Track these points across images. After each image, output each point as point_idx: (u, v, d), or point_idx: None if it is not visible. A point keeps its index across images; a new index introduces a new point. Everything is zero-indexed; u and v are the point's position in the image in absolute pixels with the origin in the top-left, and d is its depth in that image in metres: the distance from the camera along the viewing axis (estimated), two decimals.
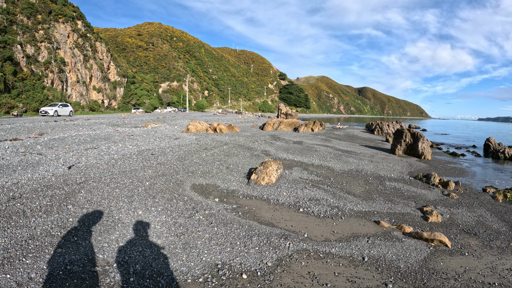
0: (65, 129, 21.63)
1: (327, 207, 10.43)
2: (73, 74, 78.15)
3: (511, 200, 13.64)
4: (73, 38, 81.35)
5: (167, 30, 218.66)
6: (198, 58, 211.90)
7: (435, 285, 6.16)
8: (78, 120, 33.18)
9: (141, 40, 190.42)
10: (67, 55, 77.00)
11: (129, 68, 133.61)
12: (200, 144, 20.01)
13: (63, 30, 77.24)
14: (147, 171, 12.38)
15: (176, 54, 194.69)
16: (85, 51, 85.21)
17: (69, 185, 9.67)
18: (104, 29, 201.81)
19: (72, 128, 22.94)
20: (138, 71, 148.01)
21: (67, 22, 79.36)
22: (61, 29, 76.59)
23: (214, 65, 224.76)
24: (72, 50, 79.43)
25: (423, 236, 8.26)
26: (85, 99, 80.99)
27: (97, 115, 61.13)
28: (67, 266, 5.72)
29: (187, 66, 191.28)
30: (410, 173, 17.51)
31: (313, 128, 40.47)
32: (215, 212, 9.10)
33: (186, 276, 5.82)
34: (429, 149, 24.33)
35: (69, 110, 50.94)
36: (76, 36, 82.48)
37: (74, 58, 79.18)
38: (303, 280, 5.94)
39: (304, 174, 14.69)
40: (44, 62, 67.43)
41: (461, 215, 10.90)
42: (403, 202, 11.85)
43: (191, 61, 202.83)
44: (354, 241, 7.91)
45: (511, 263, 7.38)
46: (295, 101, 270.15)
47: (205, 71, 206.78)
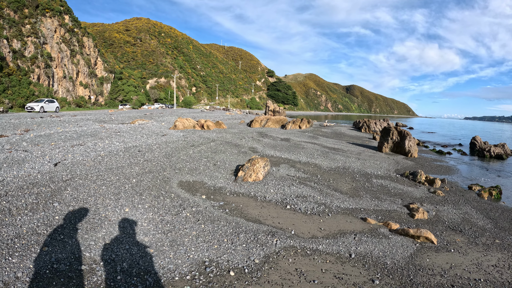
0: (51, 126, 21.31)
1: (314, 204, 10.45)
2: (60, 70, 76.89)
3: (496, 198, 13.85)
4: (60, 33, 79.98)
5: (155, 26, 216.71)
6: (186, 54, 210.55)
7: (422, 281, 6.21)
8: (64, 116, 32.76)
9: (129, 36, 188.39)
10: (53, 50, 75.71)
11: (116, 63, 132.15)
12: (187, 141, 19.90)
13: (50, 25, 75.89)
14: (134, 168, 12.26)
15: (164, 50, 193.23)
16: (72, 46, 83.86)
17: (55, 183, 9.52)
18: (91, 24, 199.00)
19: (58, 124, 22.62)
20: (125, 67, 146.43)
21: (54, 17, 77.93)
22: (48, 24, 75.26)
23: (202, 62, 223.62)
24: (59, 45, 78.12)
25: (410, 233, 8.33)
26: (72, 95, 79.84)
27: (83, 111, 60.44)
28: (54, 264, 5.64)
29: (175, 62, 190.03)
30: (396, 170, 17.66)
31: (301, 125, 40.55)
32: (202, 209, 9.05)
33: (173, 273, 5.78)
34: (416, 147, 24.56)
35: (55, 106, 50.14)
36: (63, 31, 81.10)
37: (61, 53, 77.91)
38: (291, 277, 5.94)
39: (291, 171, 14.70)
40: (30, 57, 66.21)
41: (447, 212, 11.03)
42: (389, 199, 11.94)
43: (179, 57, 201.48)
44: (341, 238, 7.94)
45: (497, 260, 7.50)
46: (283, 98, 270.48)
47: (193, 68, 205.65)
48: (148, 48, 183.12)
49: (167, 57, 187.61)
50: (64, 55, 79.26)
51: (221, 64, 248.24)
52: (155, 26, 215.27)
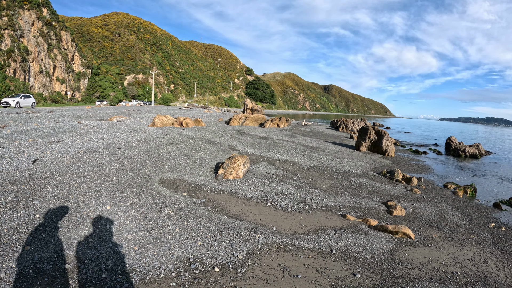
0: (28, 122, 20.82)
1: (294, 201, 10.58)
2: (36, 64, 74.78)
3: (471, 196, 14.32)
4: (38, 26, 77.72)
5: (135, 21, 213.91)
6: (165, 50, 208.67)
7: (401, 274, 6.41)
8: (41, 112, 32.04)
9: (108, 31, 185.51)
10: (30, 43, 73.56)
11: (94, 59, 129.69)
12: (166, 138, 19.78)
13: (27, 18, 73.67)
14: (114, 165, 12.14)
15: (143, 46, 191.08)
16: (49, 40, 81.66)
17: (35, 180, 9.35)
18: (69, 18, 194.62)
19: (35, 120, 22.12)
20: (103, 63, 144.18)
21: (32, 9, 75.62)
22: (25, 16, 73.04)
23: (181, 59, 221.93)
24: (36, 39, 75.96)
25: (388, 229, 8.54)
26: (48, 90, 77.89)
27: (60, 107, 59.07)
28: (37, 264, 5.56)
29: (153, 58, 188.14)
30: (374, 169, 17.98)
31: (279, 124, 40.76)
32: (184, 206, 9.06)
33: (158, 270, 5.79)
34: (393, 146, 25.05)
35: (31, 102, 48.79)
36: (40, 24, 78.83)
37: (38, 47, 75.80)
38: (274, 272, 6.03)
39: (271, 169, 14.81)
40: (7, 50, 64.16)
41: (423, 209, 11.34)
42: (368, 197, 12.18)
43: (158, 54, 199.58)
44: (322, 234, 8.09)
45: (472, 254, 7.80)
46: (261, 96, 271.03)
47: (172, 64, 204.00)
48: (127, 44, 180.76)
49: (146, 53, 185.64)
50: (41, 49, 77.20)
51: (200, 62, 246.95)
52: (134, 21, 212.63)
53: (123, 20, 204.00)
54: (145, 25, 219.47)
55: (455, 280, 6.44)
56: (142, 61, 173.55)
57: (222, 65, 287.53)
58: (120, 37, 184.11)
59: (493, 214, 11.81)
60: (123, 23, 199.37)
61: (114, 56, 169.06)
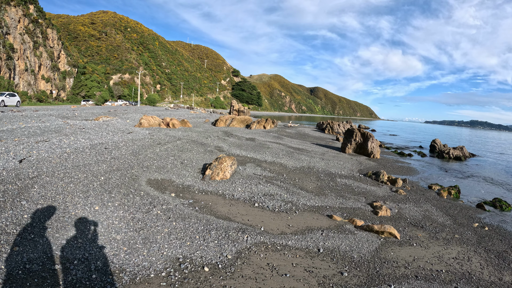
0: (13, 121, 20.56)
1: (281, 202, 10.67)
2: (22, 62, 73.54)
3: (455, 197, 14.63)
4: (24, 23, 76.42)
5: (122, 20, 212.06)
6: (152, 50, 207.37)
7: (387, 272, 6.55)
8: (26, 111, 31.63)
9: (94, 29, 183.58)
10: (16, 41, 72.30)
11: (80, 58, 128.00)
12: (153, 139, 19.71)
13: (14, 14, 72.41)
14: (101, 165, 12.07)
15: (130, 46, 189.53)
16: (35, 38, 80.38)
17: (22, 180, 9.25)
18: (56, 15, 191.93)
19: (21, 119, 21.85)
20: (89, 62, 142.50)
21: (18, 6, 74.32)
22: (12, 13, 71.78)
23: (168, 59, 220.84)
24: (22, 36, 74.67)
25: (374, 229, 8.69)
26: (33, 89, 76.66)
27: (45, 106, 58.23)
28: (26, 265, 5.52)
29: (140, 58, 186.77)
30: (360, 170, 18.19)
31: (265, 125, 40.87)
32: (172, 207, 9.08)
33: (148, 270, 5.81)
34: (378, 149, 25.35)
35: (16, 100, 47.94)
36: (27, 21, 77.55)
37: (23, 44, 74.55)
38: (263, 271, 6.11)
39: (257, 170, 14.89)
40: None
41: (408, 209, 11.55)
42: (354, 198, 12.34)
43: (145, 54, 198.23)
44: (309, 234, 8.20)
45: (457, 253, 8.01)
46: (248, 98, 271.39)
47: (158, 65, 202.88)
48: (113, 43, 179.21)
49: (132, 53, 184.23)
50: (27, 47, 76.00)
51: (186, 62, 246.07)
52: (121, 21, 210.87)
53: (110, 19, 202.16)
54: (132, 25, 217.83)
55: (440, 278, 6.62)
56: (129, 61, 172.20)
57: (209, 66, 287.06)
58: (107, 36, 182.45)
59: (476, 214, 12.11)
60: (110, 22, 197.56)
61: (100, 55, 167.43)
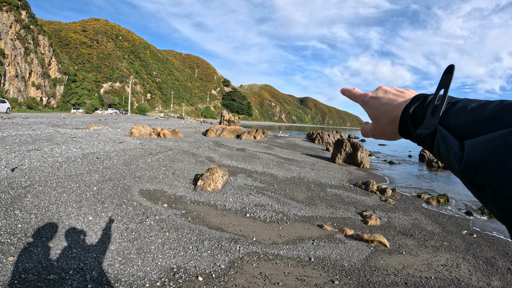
0: (3, 128, 20.48)
1: (272, 212, 10.80)
2: (12, 68, 72.98)
3: (444, 205, 14.91)
4: (16, 29, 75.97)
5: (113, 28, 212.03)
6: (143, 59, 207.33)
7: (377, 280, 6.72)
8: (16, 118, 31.50)
9: (86, 37, 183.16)
10: (7, 46, 71.82)
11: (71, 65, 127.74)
12: (145, 149, 19.77)
13: (5, 19, 72.01)
14: (93, 175, 12.12)
15: (121, 54, 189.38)
16: (26, 44, 79.94)
17: (15, 189, 9.30)
18: (48, 22, 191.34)
19: (11, 126, 21.76)
20: (80, 69, 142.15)
21: (11, 11, 73.94)
22: (4, 18, 71.39)
23: (159, 68, 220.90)
24: (13, 42, 74.19)
25: (364, 238, 8.87)
26: (23, 95, 76.03)
27: (35, 113, 57.84)
28: (21, 275, 5.57)
29: (131, 67, 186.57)
30: (350, 180, 18.40)
31: (256, 135, 41.01)
32: (165, 217, 9.17)
33: (143, 280, 5.89)
34: (368, 158, 25.65)
35: (6, 107, 47.27)
36: (18, 27, 77.15)
37: (14, 50, 74.05)
38: (256, 280, 6.23)
39: (248, 181, 15.02)
40: None
41: (398, 218, 11.75)
42: (344, 208, 12.50)
43: (136, 62, 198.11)
44: (300, 243, 8.33)
45: (445, 260, 8.22)
46: (238, 108, 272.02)
47: (149, 74, 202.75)
48: (105, 51, 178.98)
49: (123, 61, 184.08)
50: (18, 53, 75.52)
51: (177, 71, 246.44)
52: (113, 29, 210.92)
53: (102, 27, 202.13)
54: (124, 33, 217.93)
55: (429, 284, 6.80)
56: (120, 69, 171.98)
57: (200, 76, 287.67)
58: (98, 44, 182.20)
59: (465, 222, 12.33)
60: (102, 30, 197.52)
61: (91, 63, 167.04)
